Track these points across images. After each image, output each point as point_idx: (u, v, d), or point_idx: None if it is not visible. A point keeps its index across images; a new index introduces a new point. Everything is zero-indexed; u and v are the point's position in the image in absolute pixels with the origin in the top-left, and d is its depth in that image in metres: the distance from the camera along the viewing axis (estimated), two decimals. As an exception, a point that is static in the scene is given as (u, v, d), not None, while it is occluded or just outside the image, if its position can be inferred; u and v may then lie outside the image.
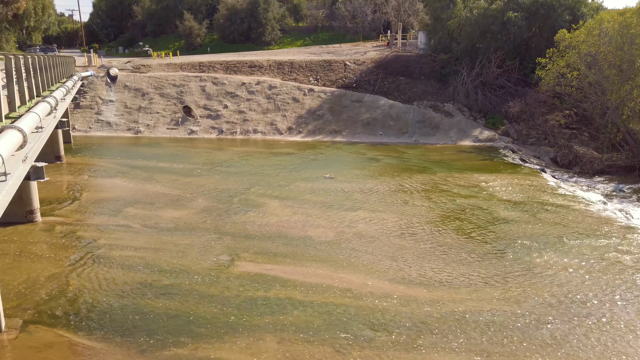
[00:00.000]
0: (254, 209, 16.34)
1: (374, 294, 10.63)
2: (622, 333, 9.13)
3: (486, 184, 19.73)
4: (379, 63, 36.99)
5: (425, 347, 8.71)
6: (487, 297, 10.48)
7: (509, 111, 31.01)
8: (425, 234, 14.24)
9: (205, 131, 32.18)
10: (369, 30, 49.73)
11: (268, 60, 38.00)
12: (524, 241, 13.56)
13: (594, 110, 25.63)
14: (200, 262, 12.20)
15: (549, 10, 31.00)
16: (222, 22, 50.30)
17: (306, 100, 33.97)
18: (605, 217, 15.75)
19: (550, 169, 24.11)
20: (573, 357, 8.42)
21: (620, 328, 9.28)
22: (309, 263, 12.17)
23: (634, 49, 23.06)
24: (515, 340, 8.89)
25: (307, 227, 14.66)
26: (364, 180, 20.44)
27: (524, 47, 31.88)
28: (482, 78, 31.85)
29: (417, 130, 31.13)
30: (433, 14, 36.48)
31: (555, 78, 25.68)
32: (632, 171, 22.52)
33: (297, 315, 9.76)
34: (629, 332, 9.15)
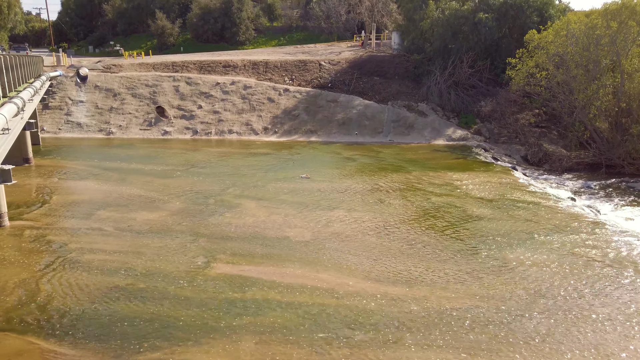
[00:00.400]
0: (230, 210, 16.22)
1: (352, 292, 10.69)
2: (592, 324, 9.42)
3: (460, 182, 20.07)
4: (354, 63, 37.19)
5: (402, 345, 8.81)
6: (462, 293, 10.67)
7: (481, 110, 31.61)
8: (401, 232, 14.40)
9: (180, 132, 31.77)
10: (343, 30, 49.94)
11: (243, 60, 37.76)
12: (497, 238, 13.85)
13: (562, 109, 26.34)
14: (176, 264, 12.05)
15: (518, 11, 31.72)
16: (196, 21, 49.70)
17: (281, 100, 33.89)
18: (574, 213, 16.21)
19: (521, 166, 24.69)
20: (548, 348, 8.65)
21: (590, 319, 9.58)
22: (287, 263, 12.16)
23: (600, 50, 23.81)
24: (490, 335, 9.08)
25: (284, 228, 14.64)
26: (340, 179, 20.53)
27: (494, 47, 32.52)
28: (455, 78, 32.37)
29: (392, 130, 31.42)
30: (406, 14, 36.89)
31: (525, 78, 26.29)
32: (599, 168, 23.26)
33: (275, 316, 9.75)
34: (598, 323, 9.45)
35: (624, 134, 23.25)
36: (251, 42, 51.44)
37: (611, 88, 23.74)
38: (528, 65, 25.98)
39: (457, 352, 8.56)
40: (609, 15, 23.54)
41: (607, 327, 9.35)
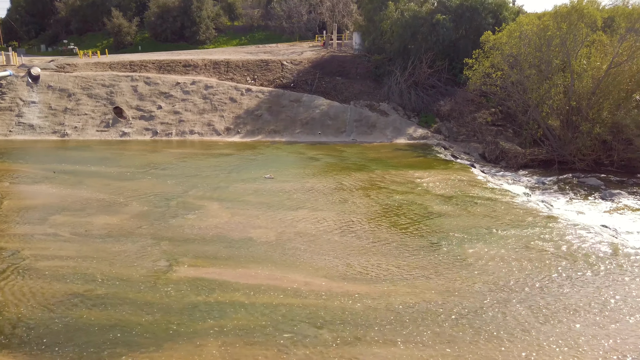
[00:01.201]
0: (193, 211, 15.97)
1: (317, 291, 10.74)
2: (547, 314, 9.82)
3: (421, 180, 20.48)
4: (316, 63, 37.30)
5: (367, 341, 8.92)
6: (424, 288, 10.90)
7: (440, 110, 32.35)
8: (365, 230, 14.57)
9: (139, 133, 30.99)
10: (304, 30, 49.99)
11: (203, 60, 37.19)
12: (457, 234, 14.22)
13: (517, 108, 27.30)
14: (136, 269, 11.77)
15: (474, 13, 32.63)
16: (154, 20, 48.58)
17: (244, 100, 33.61)
18: (529, 208, 16.83)
19: (479, 164, 25.43)
20: (506, 339, 8.95)
21: (545, 310, 9.98)
22: (251, 265, 12.09)
23: (551, 50, 24.82)
24: (452, 327, 9.32)
25: (247, 229, 14.54)
26: (304, 179, 20.56)
27: (452, 48, 33.34)
28: (415, 78, 32.99)
29: (354, 129, 31.71)
30: (366, 15, 37.31)
31: (482, 78, 27.08)
32: (552, 164, 24.24)
33: (240, 318, 9.67)
34: (552, 313, 9.85)
35: (574, 132, 24.32)
36: (212, 41, 50.75)
37: (562, 87, 24.78)
38: (484, 65, 26.77)
39: (421, 346, 8.75)
40: (559, 17, 24.57)
41: (562, 317, 9.76)
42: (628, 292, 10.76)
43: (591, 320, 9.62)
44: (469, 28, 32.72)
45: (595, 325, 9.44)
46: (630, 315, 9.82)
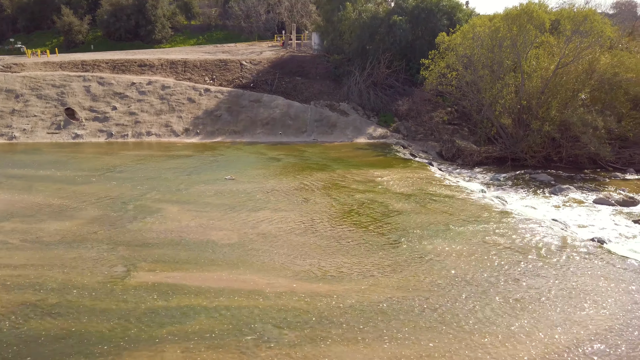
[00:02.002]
0: (151, 215, 15.61)
1: (280, 292, 10.73)
2: (504, 306, 10.19)
3: (381, 179, 20.79)
4: (275, 63, 37.19)
5: (330, 340, 9.00)
6: (385, 285, 11.09)
7: (398, 109, 32.96)
8: (327, 229, 14.66)
9: (93, 135, 29.98)
10: (263, 30, 49.72)
11: (160, 59, 36.38)
12: (416, 230, 14.54)
13: (471, 107, 28.16)
14: (92, 275, 11.39)
15: (429, 15, 33.41)
16: (107, 18, 47.02)
17: (202, 100, 33.10)
18: (484, 204, 17.41)
19: (437, 162, 26.08)
20: (467, 332, 9.23)
21: (502, 302, 10.36)
22: (212, 267, 11.94)
23: (503, 51, 25.74)
24: (413, 323, 9.53)
25: (209, 231, 14.35)
26: (265, 180, 20.47)
27: (409, 49, 34.02)
28: (373, 78, 33.45)
29: (315, 129, 31.83)
30: (325, 15, 37.52)
31: (438, 78, 27.77)
32: (505, 161, 25.16)
33: (201, 321, 9.54)
34: (509, 305, 10.24)
35: (525, 130, 25.32)
36: (168, 40, 49.69)
37: (513, 87, 25.75)
38: (440, 66, 27.46)
39: (383, 342, 8.90)
40: (510, 19, 25.52)
41: (518, 308, 10.16)
42: (577, 282, 11.32)
43: (545, 309, 10.06)
44: (425, 29, 33.48)
45: (549, 314, 9.89)
46: (580, 304, 10.33)
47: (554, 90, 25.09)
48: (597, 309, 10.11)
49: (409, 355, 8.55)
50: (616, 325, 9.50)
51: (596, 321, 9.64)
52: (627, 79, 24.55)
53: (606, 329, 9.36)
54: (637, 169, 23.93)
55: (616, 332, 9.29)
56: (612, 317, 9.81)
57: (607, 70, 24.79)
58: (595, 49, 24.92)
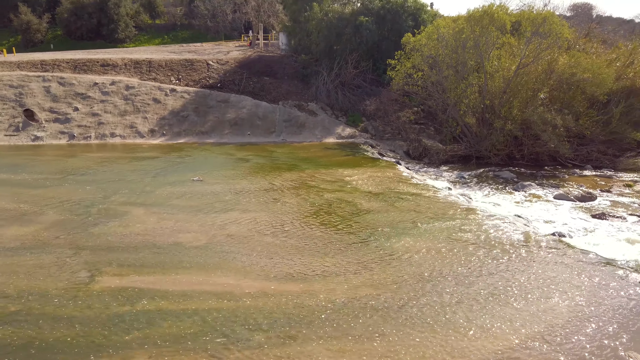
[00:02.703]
0: (116, 218, 15.24)
1: (250, 294, 10.67)
2: (470, 301, 10.44)
3: (350, 178, 20.94)
4: (243, 63, 36.93)
5: (301, 340, 9.01)
6: (355, 283, 11.18)
7: (366, 109, 33.27)
8: (297, 229, 14.66)
9: (53, 137, 29.03)
10: (230, 29, 49.31)
11: (123, 59, 35.54)
12: (384, 229, 14.72)
13: (437, 106, 28.71)
14: (54, 282, 11.04)
15: (395, 15, 33.86)
16: (67, 16, 45.65)
17: (168, 100, 32.53)
18: (450, 202, 17.77)
19: (405, 161, 26.47)
20: (434, 327, 9.41)
21: (468, 297, 10.61)
22: (180, 270, 11.76)
23: (466, 52, 26.34)
24: (382, 320, 9.64)
25: (176, 233, 14.12)
26: (234, 181, 20.29)
27: (376, 49, 34.39)
28: (341, 78, 33.65)
29: (284, 130, 31.77)
30: (291, 15, 37.51)
31: (404, 78, 28.20)
32: (470, 160, 25.77)
33: (169, 326, 9.39)
34: (475, 299, 10.49)
35: (489, 128, 26.00)
36: (132, 39, 48.64)
37: (477, 87, 26.39)
38: (406, 66, 27.89)
39: (353, 339, 8.98)
40: (473, 20, 26.14)
41: (483, 303, 10.42)
42: (539, 276, 11.70)
43: (510, 303, 10.36)
44: (391, 30, 33.92)
45: (514, 307, 10.19)
46: (543, 297, 10.69)
47: (516, 90, 25.86)
48: (559, 301, 10.49)
49: (378, 351, 8.65)
50: (577, 317, 9.87)
51: (558, 313, 10.00)
52: (583, 79, 25.54)
53: (567, 321, 9.72)
54: (594, 166, 24.93)
55: (577, 323, 9.66)
56: (573, 309, 10.20)
57: (565, 70, 25.72)
58: (554, 50, 25.82)
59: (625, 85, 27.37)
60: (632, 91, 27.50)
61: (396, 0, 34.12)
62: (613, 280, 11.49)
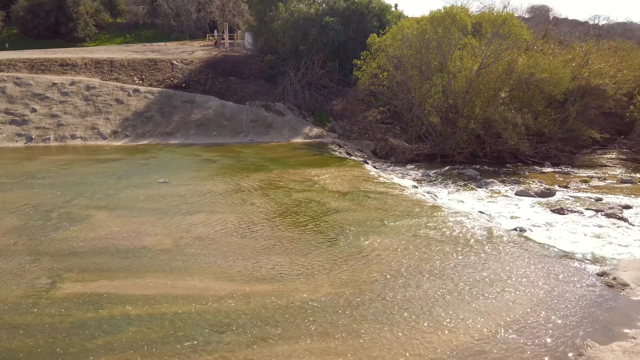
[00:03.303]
0: (78, 223, 14.79)
1: (218, 296, 10.57)
2: (436, 296, 10.66)
3: (318, 178, 21.01)
4: (208, 63, 36.49)
5: (270, 340, 9.00)
6: (324, 282, 11.24)
7: (333, 109, 33.45)
8: (265, 230, 14.61)
9: (9, 139, 27.92)
10: (195, 29, 48.61)
11: (83, 59, 34.53)
12: (353, 227, 14.85)
13: (402, 106, 29.16)
14: (12, 289, 10.63)
15: (360, 16, 34.19)
16: (23, 14, 43.96)
17: (132, 101, 31.80)
18: (416, 200, 18.09)
19: (372, 160, 26.75)
20: (405, 323, 9.56)
21: (434, 292, 10.83)
22: (146, 274, 11.53)
23: (430, 52, 26.86)
24: (351, 318, 9.73)
25: (141, 237, 13.83)
26: (200, 182, 20.03)
27: (342, 49, 34.62)
28: (308, 78, 33.71)
29: (251, 130, 31.57)
30: (257, 15, 37.32)
31: (370, 78, 28.52)
32: (435, 158, 26.28)
33: (135, 331, 9.20)
34: (440, 295, 10.72)
35: (453, 127, 26.60)
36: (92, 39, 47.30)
37: (440, 87, 26.95)
38: (371, 66, 28.20)
39: (322, 339, 9.03)
40: (435, 21, 26.68)
41: (449, 298, 10.66)
42: (502, 270, 12.07)
43: (474, 297, 10.64)
44: (357, 30, 34.23)
45: (478, 301, 10.47)
46: (505, 290, 11.03)
47: (478, 90, 26.54)
48: (521, 294, 10.84)
49: (347, 349, 8.73)
50: (538, 308, 10.24)
51: (520, 305, 10.34)
52: (541, 79, 26.46)
53: (529, 312, 10.07)
54: (553, 163, 25.87)
55: (539, 314, 10.01)
56: (534, 301, 10.56)
57: (524, 70, 26.59)
58: (514, 51, 26.65)
59: (580, 84, 28.54)
60: (587, 90, 28.72)
61: (361, 1, 34.45)
62: (572, 272, 11.97)
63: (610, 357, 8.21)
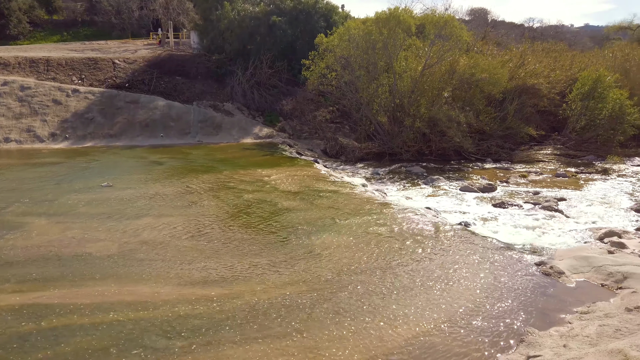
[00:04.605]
0: (14, 230, 13.97)
1: (167, 301, 10.31)
2: (387, 292, 10.91)
3: (269, 178, 20.93)
4: (153, 62, 35.45)
5: (222, 344, 8.88)
6: (277, 283, 11.23)
7: (283, 109, 33.41)
8: (216, 232, 14.40)
9: None
10: (137, 27, 47.05)
11: (16, 57, 32.63)
12: (304, 227, 14.91)
13: (351, 106, 29.56)
14: (-58, 305, 9.90)
15: (307, 16, 34.32)
16: (-54, 9, 40.93)
17: (71, 102, 30.38)
18: (366, 197, 18.41)
19: (322, 159, 26.94)
20: (354, 320, 9.71)
21: (385, 288, 11.08)
22: (90, 282, 11.07)
23: (376, 53, 27.38)
24: (304, 317, 9.78)
25: (84, 243, 13.26)
26: (147, 185, 19.44)
27: (290, 49, 34.61)
28: (257, 78, 33.47)
29: (199, 131, 30.98)
30: (202, 14, 36.64)
31: (319, 78, 28.69)
32: (384, 157, 26.83)
33: (79, 342, 8.82)
34: (390, 290, 10.98)
35: (400, 126, 27.26)
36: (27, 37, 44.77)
37: (387, 87, 27.55)
38: (320, 66, 28.40)
39: (276, 340, 9.02)
40: (380, 23, 27.24)
41: (400, 292, 10.94)
42: (449, 263, 12.52)
43: (424, 290, 10.98)
44: (304, 30, 34.34)
45: (428, 294, 10.80)
46: (451, 281, 11.45)
47: (423, 89, 27.34)
48: (466, 285, 11.29)
49: (301, 348, 8.77)
50: (481, 298, 10.70)
51: (465, 296, 10.77)
52: (481, 79, 27.64)
53: (474, 303, 10.51)
54: (494, 159, 27.07)
55: (482, 304, 10.47)
56: (478, 292, 11.03)
57: (465, 71, 27.66)
58: (455, 52, 27.65)
59: (517, 84, 30.05)
60: (524, 90, 30.28)
61: (307, 1, 34.57)
62: (512, 263, 12.59)
63: (548, 341, 8.71)
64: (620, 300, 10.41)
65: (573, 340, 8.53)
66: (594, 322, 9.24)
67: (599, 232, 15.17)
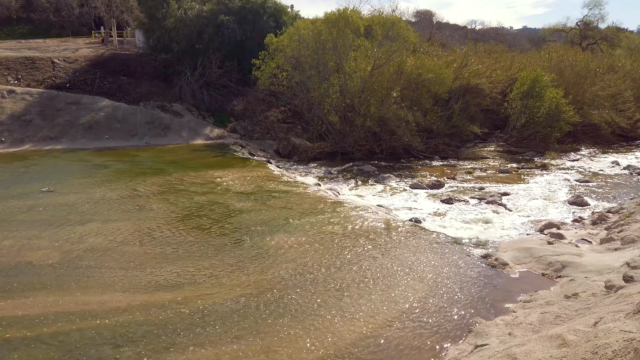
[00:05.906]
0: (-57, 242, 13.03)
1: (115, 309, 9.95)
2: (341, 289, 11.02)
3: (221, 179, 20.62)
4: (95, 61, 34.06)
5: (175, 349, 8.68)
6: (230, 285, 11.09)
7: (234, 109, 32.98)
8: (166, 236, 14.03)
9: None
10: (78, 25, 45.02)
11: (-57, 56, 30.41)
12: (258, 228, 14.81)
13: (302, 106, 29.60)
14: None
15: (255, 16, 34.05)
16: None
17: (6, 103, 28.68)
18: (319, 197, 18.51)
19: (275, 159, 26.83)
20: (309, 319, 9.74)
21: (339, 285, 11.18)
22: (31, 293, 10.50)
23: (326, 53, 27.57)
24: (258, 318, 9.72)
25: (24, 252, 12.57)
26: (91, 189, 18.66)
27: (239, 49, 34.21)
28: (206, 78, 32.87)
29: (147, 132, 30.05)
30: (147, 12, 35.52)
31: (269, 78, 28.55)
32: (336, 156, 27.06)
33: (19, 356, 8.35)
34: (344, 287, 11.10)
35: (351, 126, 27.59)
36: (-46, 33, 41.80)
37: (338, 87, 27.80)
38: (270, 66, 28.26)
39: (229, 343, 8.91)
40: (330, 23, 27.45)
41: (353, 289, 11.07)
42: (400, 258, 12.81)
43: (377, 286, 11.17)
44: (253, 30, 34.05)
45: (378, 289, 11.00)
46: (404, 278, 11.72)
47: (372, 89, 27.80)
48: (417, 280, 11.60)
49: (256, 349, 8.72)
50: (431, 292, 11.03)
51: (416, 290, 11.06)
52: (428, 79, 28.44)
53: (424, 296, 10.81)
54: (441, 156, 27.92)
55: (432, 297, 10.78)
56: (428, 285, 11.36)
57: (412, 71, 28.38)
58: (402, 53, 28.28)
59: (462, 84, 31.16)
60: (468, 89, 31.44)
61: (256, 0, 34.31)
62: (460, 256, 13.05)
63: (495, 330, 9.09)
64: (560, 288, 11.03)
65: (517, 328, 8.94)
66: (536, 309, 9.73)
67: (539, 224, 16.01)
